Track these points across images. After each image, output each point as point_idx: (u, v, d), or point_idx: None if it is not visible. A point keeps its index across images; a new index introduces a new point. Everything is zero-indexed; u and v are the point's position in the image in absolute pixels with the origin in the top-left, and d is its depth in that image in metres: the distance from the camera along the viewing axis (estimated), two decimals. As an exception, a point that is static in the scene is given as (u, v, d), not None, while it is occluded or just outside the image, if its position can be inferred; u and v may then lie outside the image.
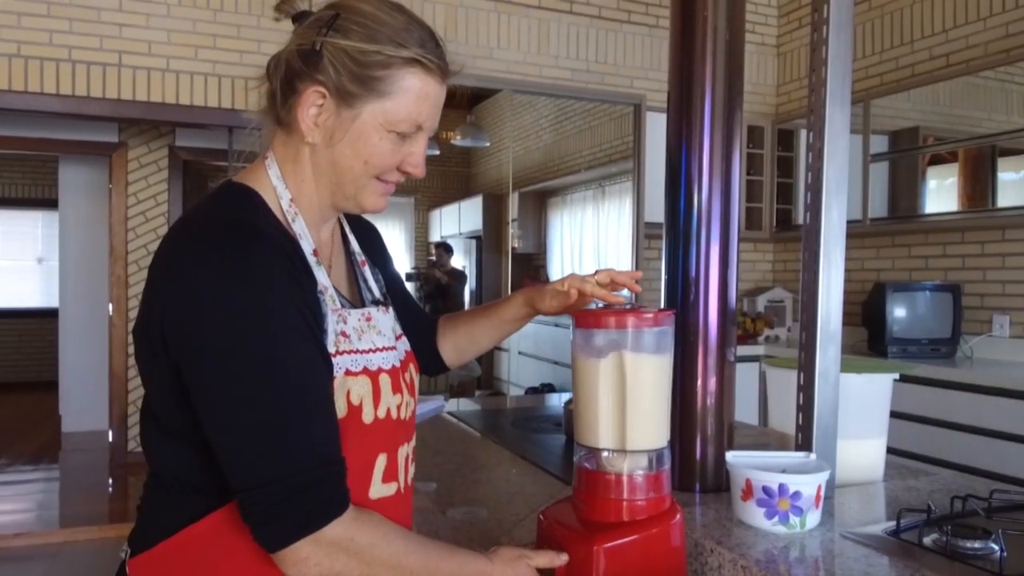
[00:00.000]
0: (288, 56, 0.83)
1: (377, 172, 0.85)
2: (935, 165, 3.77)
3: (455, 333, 1.14)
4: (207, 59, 3.39)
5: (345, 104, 0.81)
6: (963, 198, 3.55)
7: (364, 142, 0.83)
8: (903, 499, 1.21)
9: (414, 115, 0.83)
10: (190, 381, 0.75)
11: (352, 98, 0.81)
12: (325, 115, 0.82)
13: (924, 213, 3.73)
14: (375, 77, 0.81)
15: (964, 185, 3.59)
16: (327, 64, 0.80)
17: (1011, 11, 3.37)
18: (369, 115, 0.82)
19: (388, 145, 0.83)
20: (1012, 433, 2.79)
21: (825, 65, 1.20)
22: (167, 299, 0.76)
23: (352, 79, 0.80)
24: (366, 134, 0.82)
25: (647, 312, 0.91)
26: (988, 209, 3.40)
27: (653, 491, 0.91)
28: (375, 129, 0.82)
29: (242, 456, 0.73)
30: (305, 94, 0.81)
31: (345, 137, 0.82)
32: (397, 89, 0.82)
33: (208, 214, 0.82)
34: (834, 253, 1.21)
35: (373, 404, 0.84)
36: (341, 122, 0.82)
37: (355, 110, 0.82)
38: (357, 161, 0.83)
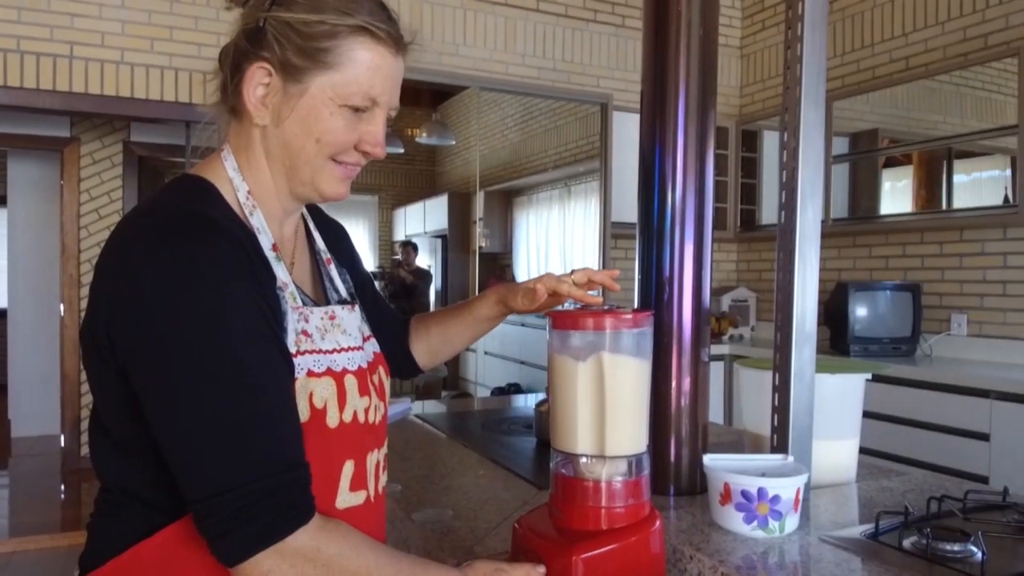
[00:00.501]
0: (236, 39, 0.80)
1: (332, 152, 0.81)
2: (893, 167, 3.84)
3: (427, 334, 1.10)
4: (163, 51, 3.29)
5: (291, 79, 0.78)
6: (919, 199, 3.62)
7: (314, 118, 0.79)
8: (878, 500, 1.21)
9: (366, 87, 0.79)
10: (138, 385, 0.70)
11: (298, 72, 0.77)
12: (272, 93, 0.78)
13: (885, 214, 3.79)
14: (321, 48, 0.77)
15: (919, 187, 3.66)
16: (271, 40, 0.77)
17: (968, 15, 3.43)
18: (317, 89, 0.78)
19: (340, 121, 0.79)
20: (970, 430, 2.84)
21: (800, 62, 1.19)
22: (113, 297, 0.71)
23: (297, 52, 0.77)
24: (316, 110, 0.78)
25: (626, 313, 0.88)
26: (946, 210, 3.47)
27: (632, 498, 0.88)
28: (325, 104, 0.78)
29: (197, 464, 0.68)
30: (249, 72, 0.78)
31: (292, 114, 0.78)
32: (346, 60, 0.78)
33: (159, 206, 0.77)
34: (809, 253, 1.20)
35: (338, 407, 0.80)
36: (288, 98, 0.78)
37: (302, 84, 0.78)
38: (308, 140, 0.79)
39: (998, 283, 3.33)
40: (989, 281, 3.37)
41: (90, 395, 4.43)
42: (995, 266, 3.34)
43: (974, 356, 3.40)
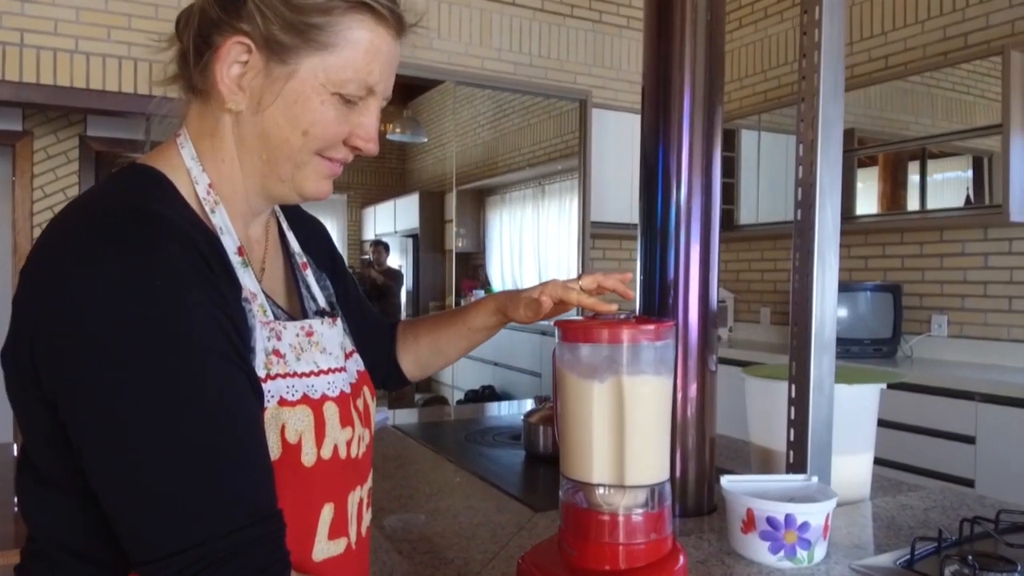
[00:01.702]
0: (203, 5, 0.67)
1: (319, 146, 0.69)
2: (867, 167, 3.80)
3: (416, 343, 0.99)
4: (121, 40, 3.12)
5: (277, 59, 0.66)
6: (893, 200, 3.58)
7: (302, 107, 0.67)
8: (900, 520, 1.13)
9: (363, 74, 0.68)
10: (69, 420, 0.57)
11: (285, 51, 0.65)
12: (251, 74, 0.66)
13: (862, 214, 3.75)
14: (313, 24, 0.65)
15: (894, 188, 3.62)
16: (252, 9, 0.65)
17: (948, 14, 3.41)
18: (308, 72, 0.66)
19: (332, 112, 0.68)
20: (956, 433, 2.80)
21: (818, 49, 1.10)
22: (39, 312, 0.57)
23: (285, 27, 0.65)
24: (304, 96, 0.67)
25: (648, 323, 0.78)
26: (927, 211, 3.44)
27: (655, 532, 0.78)
28: (315, 91, 0.67)
29: (144, 517, 0.55)
30: (224, 48, 0.65)
31: (277, 100, 0.66)
32: (341, 40, 0.66)
33: (96, 201, 0.64)
34: (828, 253, 1.11)
35: (315, 442, 0.68)
36: (272, 82, 0.66)
37: (289, 66, 0.66)
38: (294, 132, 0.67)
39: (979, 284, 3.31)
40: (970, 282, 3.35)
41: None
42: (976, 267, 3.32)
43: (955, 357, 3.38)
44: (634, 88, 4.29)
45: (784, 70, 4.24)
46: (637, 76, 4.30)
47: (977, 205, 3.19)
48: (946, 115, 3.34)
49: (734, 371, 1.53)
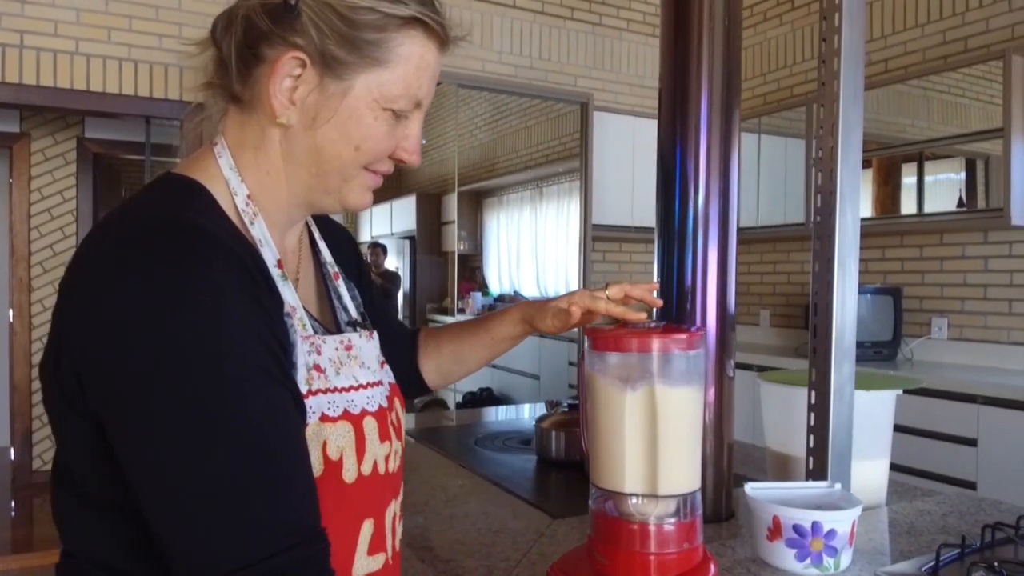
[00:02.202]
0: (249, 13, 0.65)
1: (369, 160, 0.68)
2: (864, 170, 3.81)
3: (439, 352, 0.98)
4: (121, 42, 3.10)
5: (332, 75, 0.65)
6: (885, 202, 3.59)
7: (356, 123, 0.66)
8: (919, 526, 1.13)
9: (413, 89, 0.68)
10: (117, 438, 0.56)
11: (341, 67, 0.64)
12: (304, 88, 0.65)
13: (863, 217, 3.76)
14: (368, 41, 0.64)
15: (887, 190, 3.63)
16: (307, 23, 0.63)
17: (948, 18, 3.43)
18: (362, 89, 0.65)
19: (383, 127, 0.67)
20: (958, 435, 2.82)
21: (838, 56, 1.10)
22: (83, 327, 0.56)
23: (341, 42, 0.64)
24: (359, 113, 0.66)
25: (680, 332, 0.78)
26: (924, 214, 3.45)
27: (687, 542, 0.78)
28: (369, 107, 0.66)
29: (195, 539, 0.54)
30: (280, 63, 0.64)
31: (333, 117, 0.65)
32: (394, 56, 0.66)
33: (136, 213, 0.63)
34: (849, 260, 1.11)
35: (356, 457, 0.67)
36: (327, 98, 0.65)
37: (345, 82, 0.65)
38: (347, 147, 0.67)
39: (979, 287, 3.32)
40: (970, 285, 3.36)
41: (43, 406, 4.22)
42: (976, 269, 3.33)
43: (955, 360, 3.39)
44: (634, 91, 4.30)
45: (783, 73, 4.25)
46: (637, 79, 4.31)
47: (977, 208, 3.20)
48: (941, 118, 3.35)
49: (737, 374, 1.53)
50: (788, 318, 4.23)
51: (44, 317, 4.45)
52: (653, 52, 4.36)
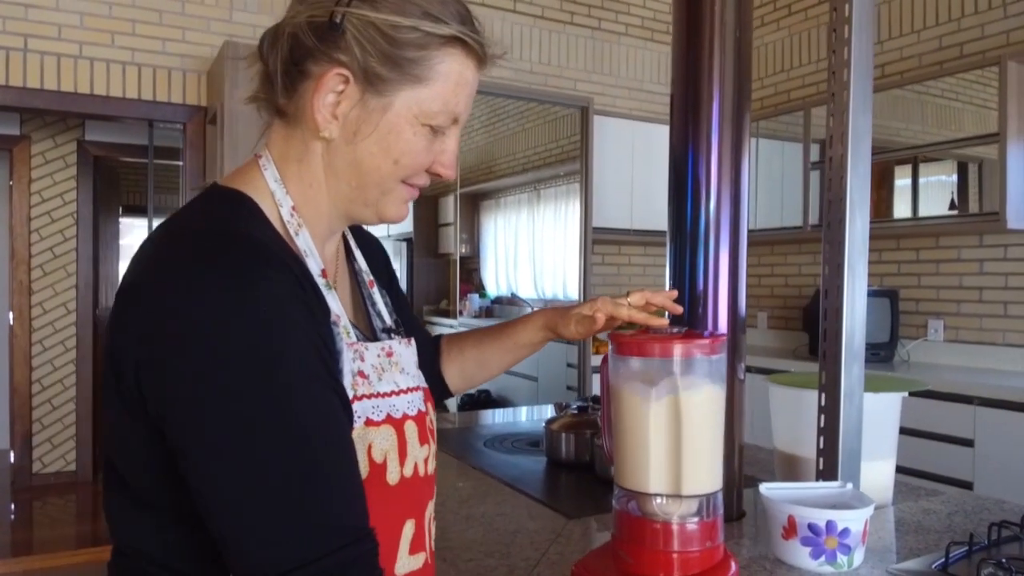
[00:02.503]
0: (295, 30, 0.67)
1: (407, 174, 0.70)
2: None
3: (462, 357, 1.01)
4: (125, 46, 3.11)
5: (373, 91, 0.67)
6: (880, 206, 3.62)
7: (396, 137, 0.68)
8: (927, 524, 1.15)
9: (451, 105, 0.69)
10: (179, 444, 0.58)
11: (382, 83, 0.66)
12: (346, 104, 0.67)
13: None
14: (409, 59, 0.66)
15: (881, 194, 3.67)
16: (351, 41, 0.65)
17: (944, 24, 3.47)
18: (402, 105, 0.67)
19: (422, 142, 0.69)
20: (955, 436, 2.85)
21: (847, 67, 1.13)
22: (145, 338, 0.58)
23: (383, 60, 0.66)
24: (398, 128, 0.68)
25: (702, 337, 0.80)
26: (919, 217, 3.49)
27: (709, 540, 0.80)
28: (408, 122, 0.68)
29: (254, 539, 0.56)
30: (324, 79, 0.66)
31: (374, 132, 0.68)
32: (434, 74, 0.67)
33: (193, 225, 0.65)
34: (858, 265, 1.14)
35: (399, 460, 0.69)
36: (368, 113, 0.67)
37: (386, 98, 0.67)
38: (386, 161, 0.69)
39: (974, 289, 3.36)
40: (966, 287, 3.40)
41: (43, 408, 4.19)
42: (971, 272, 3.38)
43: (951, 362, 3.43)
44: (632, 95, 4.33)
45: (780, 78, 4.29)
46: (635, 83, 4.34)
47: (970, 211, 3.24)
48: (935, 122, 3.39)
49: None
50: (786, 320, 4.27)
51: (44, 320, 4.45)
52: (651, 56, 4.40)
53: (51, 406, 4.46)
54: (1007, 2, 3.22)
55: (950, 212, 3.33)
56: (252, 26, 3.29)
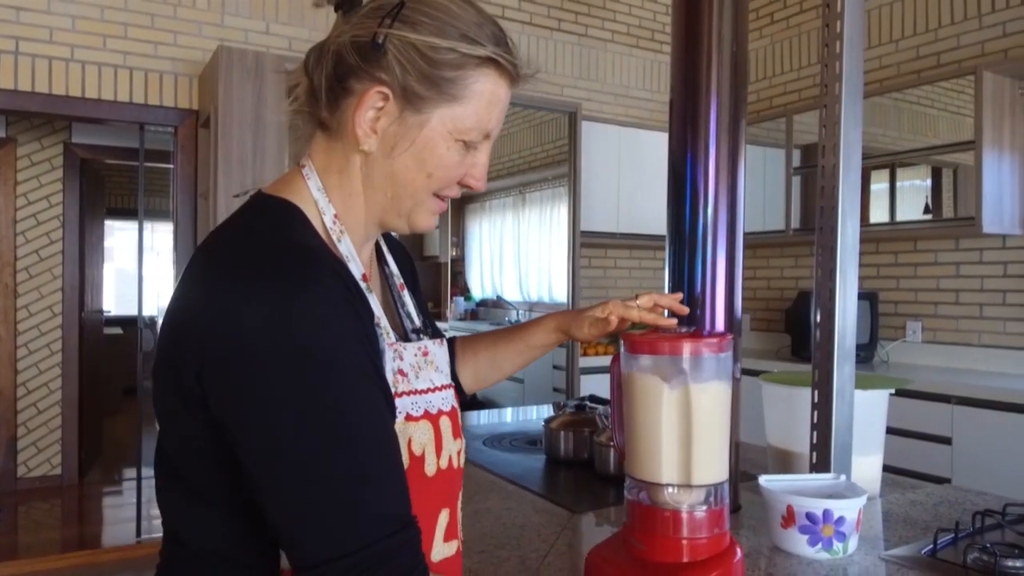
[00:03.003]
0: (340, 48, 0.71)
1: (440, 186, 0.75)
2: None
3: (475, 358, 1.05)
4: (117, 49, 3.12)
5: (412, 108, 0.71)
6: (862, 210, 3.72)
7: (430, 152, 0.72)
8: (914, 515, 1.22)
9: (484, 122, 0.74)
10: (241, 440, 0.62)
11: (420, 101, 0.71)
12: (385, 120, 0.71)
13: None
14: (446, 78, 0.70)
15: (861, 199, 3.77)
16: (392, 61, 0.69)
17: (921, 34, 3.57)
18: (438, 122, 0.72)
19: (455, 156, 0.74)
20: (933, 434, 2.94)
21: (840, 81, 1.19)
22: (207, 339, 0.62)
23: (421, 79, 0.70)
24: (433, 143, 0.72)
25: (712, 337, 0.86)
26: (897, 222, 3.58)
27: (717, 527, 0.85)
28: (443, 138, 0.72)
29: (312, 527, 0.60)
30: (366, 95, 0.70)
31: (411, 147, 0.72)
32: (469, 93, 0.72)
33: (249, 234, 0.69)
34: (849, 269, 1.20)
35: (436, 453, 0.74)
36: (407, 129, 0.71)
37: (423, 115, 0.71)
38: (420, 174, 0.73)
39: (951, 291, 3.47)
40: (943, 290, 3.50)
41: (28, 411, 4.15)
42: (948, 275, 3.48)
43: (929, 362, 3.53)
44: (619, 101, 4.40)
45: (763, 84, 4.38)
46: (622, 89, 4.41)
47: (945, 216, 3.34)
48: (912, 128, 3.49)
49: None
50: (768, 322, 4.35)
51: (30, 323, 4.42)
52: (637, 63, 4.47)
53: (36, 409, 4.44)
54: (982, 13, 3.33)
55: (925, 216, 3.43)
56: (244, 30, 3.31)
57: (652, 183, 4.23)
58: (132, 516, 3.86)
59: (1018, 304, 3.23)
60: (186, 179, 3.32)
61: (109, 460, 5.13)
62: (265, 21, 3.35)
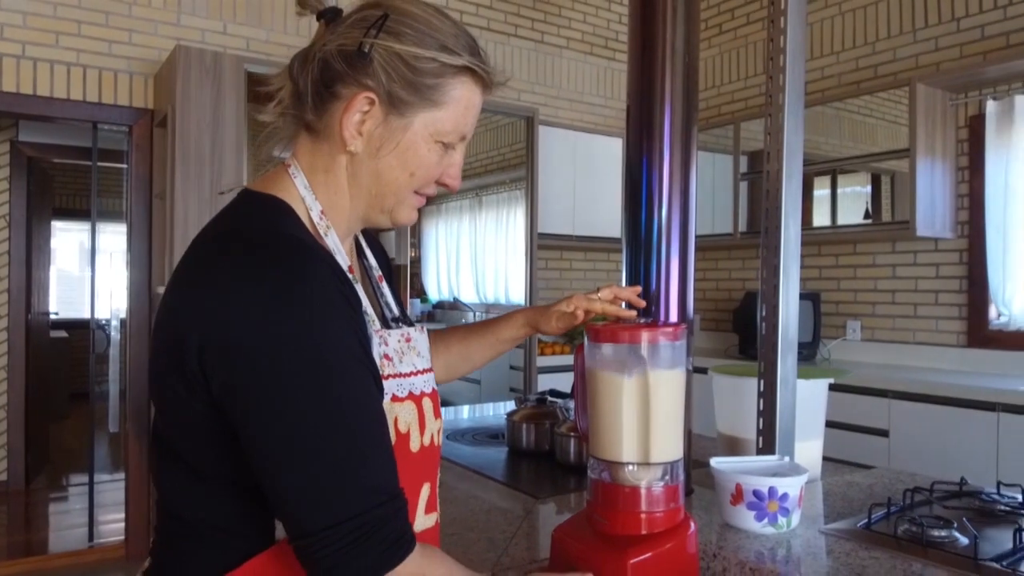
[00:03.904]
0: (326, 56, 0.76)
1: (420, 184, 0.81)
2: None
3: (448, 351, 1.11)
4: (70, 47, 3.08)
5: (396, 112, 0.77)
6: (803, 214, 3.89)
7: (413, 153, 0.78)
8: (851, 494, 1.31)
9: (461, 125, 0.80)
10: (241, 420, 0.67)
11: (404, 106, 0.76)
12: (371, 123, 0.77)
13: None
14: (428, 85, 0.76)
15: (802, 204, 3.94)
16: (377, 68, 0.75)
17: (860, 47, 3.76)
18: (420, 125, 0.78)
19: (435, 156, 0.80)
20: (871, 427, 3.10)
21: (783, 91, 1.29)
22: (210, 326, 0.67)
23: (405, 86, 0.76)
24: (415, 144, 0.78)
25: (668, 327, 0.93)
26: (838, 226, 3.76)
27: (672, 502, 0.93)
28: (424, 140, 0.78)
29: (311, 498, 0.66)
30: (353, 101, 0.76)
31: (395, 148, 0.78)
32: (448, 99, 0.78)
33: (245, 228, 0.73)
34: (791, 268, 1.29)
35: (419, 431, 0.80)
36: (391, 132, 0.77)
37: (406, 119, 0.77)
38: (403, 173, 0.79)
39: (888, 292, 3.65)
40: (880, 290, 3.68)
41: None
42: (885, 276, 3.66)
43: (868, 359, 3.71)
44: (574, 106, 4.50)
45: (711, 93, 4.53)
46: (576, 95, 4.51)
47: (883, 220, 3.52)
48: (852, 136, 3.67)
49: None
50: (717, 322, 4.50)
51: (-25, 324, 4.30)
52: (591, 70, 4.57)
53: (-21, 415, 4.32)
54: (916, 28, 3.52)
55: (865, 221, 3.61)
56: (201, 30, 3.29)
57: (606, 187, 4.34)
58: (80, 522, 3.80)
59: (949, 304, 3.42)
60: (140, 179, 3.29)
61: (57, 466, 5.01)
62: (223, 21, 3.34)
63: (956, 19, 3.37)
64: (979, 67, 3.13)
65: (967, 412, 2.82)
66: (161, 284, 3.05)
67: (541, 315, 1.07)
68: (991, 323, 3.30)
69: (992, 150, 3.23)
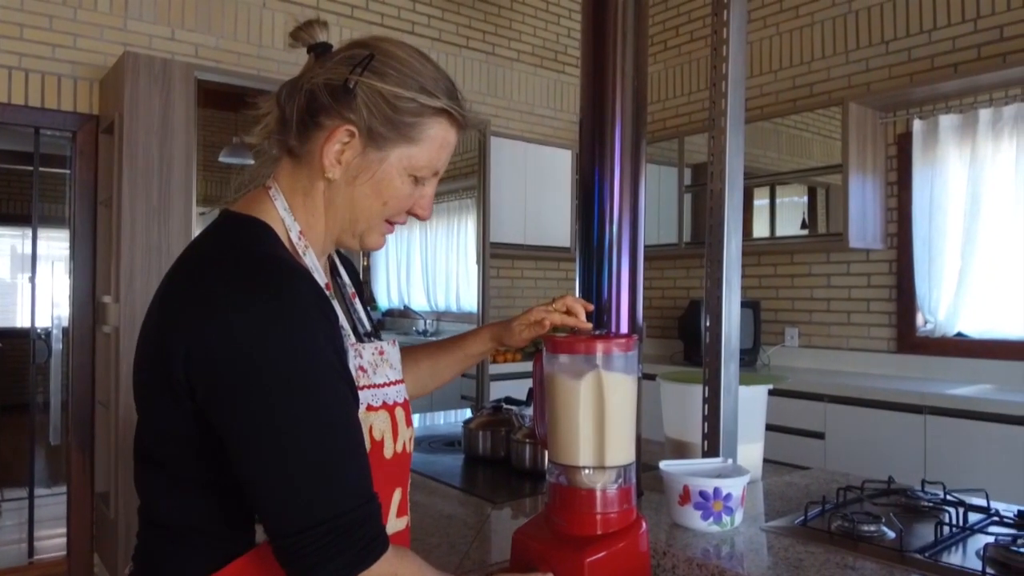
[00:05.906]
0: (313, 88, 0.81)
1: (392, 213, 0.86)
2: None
3: (417, 367, 1.15)
4: (11, 51, 3.00)
5: (374, 146, 0.81)
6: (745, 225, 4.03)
7: (387, 184, 0.83)
8: (789, 493, 1.40)
9: (434, 162, 0.85)
10: (226, 427, 0.71)
11: (382, 141, 0.81)
12: (350, 153, 0.81)
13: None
14: (406, 123, 0.81)
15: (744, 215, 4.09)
16: (360, 104, 0.80)
17: (796, 66, 3.93)
18: (395, 159, 0.82)
19: (407, 189, 0.85)
20: (808, 430, 3.24)
21: (725, 115, 1.37)
22: (197, 337, 0.70)
23: (385, 122, 0.80)
24: (390, 176, 0.83)
25: (620, 338, 0.99)
26: (776, 237, 3.91)
27: (625, 503, 0.99)
28: (399, 173, 0.83)
29: (292, 500, 0.70)
30: (336, 132, 0.80)
31: (370, 179, 0.82)
32: (425, 137, 0.83)
33: (232, 247, 0.77)
34: (733, 279, 1.37)
35: (393, 439, 0.84)
36: (368, 163, 0.82)
37: (383, 152, 0.82)
38: (376, 202, 0.84)
39: (823, 300, 3.81)
40: (816, 299, 3.85)
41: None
42: (821, 285, 3.83)
43: (805, 365, 3.87)
44: (524, 118, 4.57)
45: (657, 107, 4.66)
46: (526, 106, 4.58)
47: (819, 232, 3.68)
48: (789, 150, 3.84)
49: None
50: (662, 329, 4.62)
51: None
52: (541, 82, 4.65)
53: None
54: (848, 50, 3.70)
55: (802, 231, 3.77)
56: (148, 35, 3.25)
57: (556, 197, 4.42)
58: (16, 538, 3.68)
59: (880, 312, 3.60)
60: (85, 185, 3.22)
61: (-12, 481, 4.82)
62: (170, 27, 3.30)
63: (885, 42, 3.56)
64: (906, 88, 3.31)
65: (896, 415, 2.98)
66: (106, 293, 3.00)
67: (505, 330, 1.13)
68: (918, 330, 3.48)
69: (919, 166, 3.41)
